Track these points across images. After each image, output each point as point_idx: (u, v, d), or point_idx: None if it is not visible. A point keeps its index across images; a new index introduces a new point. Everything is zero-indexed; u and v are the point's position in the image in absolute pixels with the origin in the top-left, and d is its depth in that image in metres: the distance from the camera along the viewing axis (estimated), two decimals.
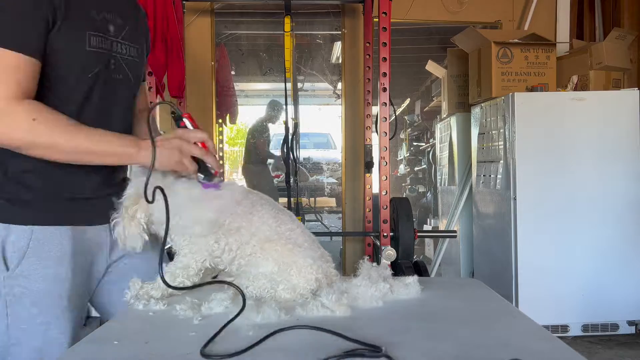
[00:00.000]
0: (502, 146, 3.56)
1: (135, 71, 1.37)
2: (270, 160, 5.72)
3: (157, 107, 1.36)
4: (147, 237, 1.22)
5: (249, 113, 6.31)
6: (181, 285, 1.21)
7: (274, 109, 5.60)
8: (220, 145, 4.70)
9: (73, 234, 1.25)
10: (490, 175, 3.75)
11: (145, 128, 1.42)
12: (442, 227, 4.84)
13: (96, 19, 1.24)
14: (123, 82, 1.33)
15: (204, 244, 1.21)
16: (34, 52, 1.13)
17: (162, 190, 1.12)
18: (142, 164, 1.20)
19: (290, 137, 3.45)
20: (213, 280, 1.21)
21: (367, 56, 3.82)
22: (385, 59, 2.98)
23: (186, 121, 1.24)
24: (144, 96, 1.55)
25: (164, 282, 1.13)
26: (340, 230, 4.41)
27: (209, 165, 1.23)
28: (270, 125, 5.69)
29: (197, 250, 1.21)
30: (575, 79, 3.76)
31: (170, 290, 1.21)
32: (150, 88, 2.91)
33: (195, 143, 1.22)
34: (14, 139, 1.12)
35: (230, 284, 1.16)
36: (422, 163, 7.41)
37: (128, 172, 1.40)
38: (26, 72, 1.12)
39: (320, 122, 6.00)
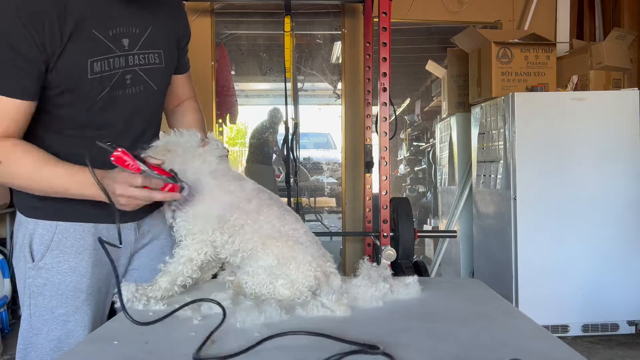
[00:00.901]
0: (502, 146, 3.56)
1: (159, 77, 1.35)
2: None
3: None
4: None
5: (249, 113, 6.31)
6: (183, 284, 1.22)
7: (275, 116, 5.61)
8: None
9: (95, 231, 1.30)
10: (490, 175, 3.75)
11: (190, 119, 1.50)
12: (442, 227, 4.83)
13: (104, 41, 1.21)
14: (143, 93, 1.31)
15: (207, 236, 1.21)
16: (23, 95, 1.14)
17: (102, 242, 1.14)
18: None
19: (290, 137, 3.45)
20: (192, 300, 1.13)
21: (367, 56, 3.82)
22: (385, 58, 2.98)
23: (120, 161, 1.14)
24: (188, 87, 1.55)
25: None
26: (340, 230, 4.40)
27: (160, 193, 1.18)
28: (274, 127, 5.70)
29: (199, 241, 1.21)
30: (575, 79, 3.76)
31: (171, 291, 1.21)
32: None
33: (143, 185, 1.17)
34: None
35: (209, 300, 1.12)
36: (422, 163, 7.41)
37: None
38: (11, 114, 1.14)
39: (320, 122, 5.99)
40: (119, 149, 1.12)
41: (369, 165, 3.66)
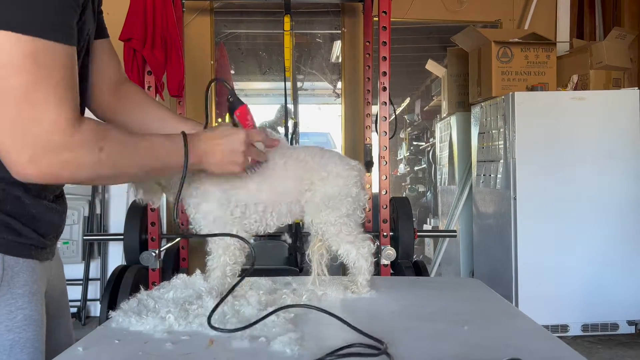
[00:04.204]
0: (502, 146, 3.56)
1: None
2: None
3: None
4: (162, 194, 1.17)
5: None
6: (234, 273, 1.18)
7: (281, 114, 5.61)
8: None
9: (41, 268, 0.98)
10: (490, 175, 3.75)
11: (160, 114, 1.20)
12: (442, 227, 4.83)
13: None
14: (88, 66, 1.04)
15: (228, 217, 1.16)
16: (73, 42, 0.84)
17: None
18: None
19: (289, 136, 3.45)
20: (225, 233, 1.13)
21: (367, 55, 3.81)
22: (385, 58, 2.97)
23: (240, 116, 1.11)
24: (116, 58, 1.18)
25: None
26: None
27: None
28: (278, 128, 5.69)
29: (224, 224, 1.17)
30: (575, 78, 3.76)
31: (225, 284, 1.17)
32: (149, 87, 2.91)
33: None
34: (77, 178, 0.88)
35: (238, 236, 1.13)
36: (422, 162, 7.41)
37: None
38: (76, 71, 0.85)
39: (320, 121, 5.99)
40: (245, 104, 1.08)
41: (368, 165, 3.65)
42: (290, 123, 3.51)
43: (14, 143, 0.78)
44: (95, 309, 3.96)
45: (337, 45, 4.63)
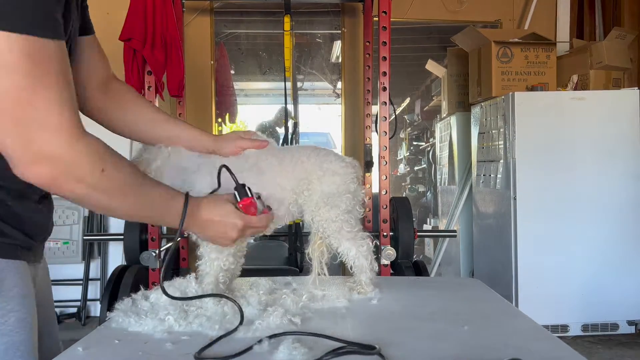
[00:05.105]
0: (502, 146, 3.56)
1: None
2: None
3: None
4: None
5: (248, 112, 6.31)
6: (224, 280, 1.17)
7: (281, 115, 5.60)
8: None
9: (32, 270, 0.97)
10: (490, 175, 3.75)
11: (179, 128, 1.18)
12: (442, 227, 4.83)
13: None
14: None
15: None
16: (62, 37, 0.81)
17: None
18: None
19: (289, 136, 3.45)
20: (212, 294, 1.09)
21: (367, 55, 3.81)
22: (385, 58, 2.97)
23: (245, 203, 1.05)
24: (103, 54, 1.12)
25: (165, 293, 1.04)
26: None
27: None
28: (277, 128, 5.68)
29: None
30: (575, 78, 3.76)
31: (217, 290, 1.15)
32: (149, 87, 2.90)
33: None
34: (73, 192, 0.83)
35: (228, 297, 1.07)
36: (422, 162, 7.41)
37: None
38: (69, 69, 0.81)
39: (320, 121, 5.99)
40: (254, 196, 1.05)
41: (368, 165, 3.65)
42: (290, 123, 3.51)
43: (16, 144, 0.76)
44: (95, 309, 3.95)
45: (337, 45, 4.63)
